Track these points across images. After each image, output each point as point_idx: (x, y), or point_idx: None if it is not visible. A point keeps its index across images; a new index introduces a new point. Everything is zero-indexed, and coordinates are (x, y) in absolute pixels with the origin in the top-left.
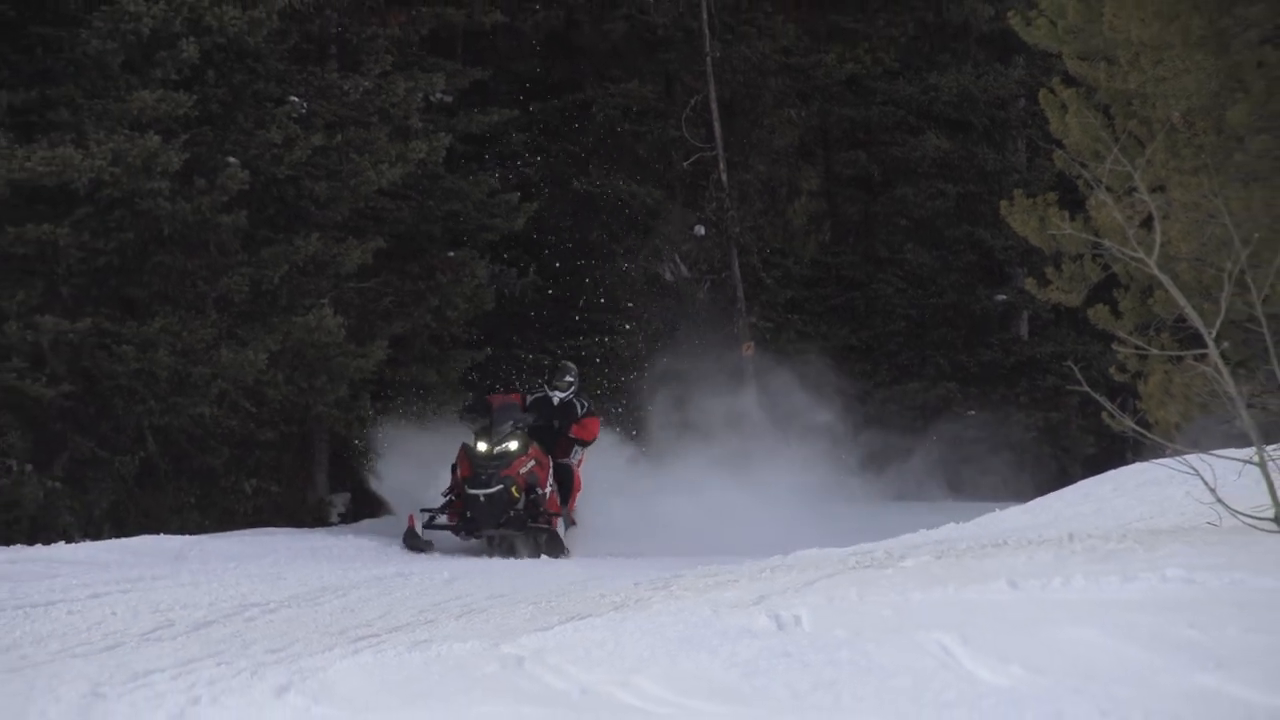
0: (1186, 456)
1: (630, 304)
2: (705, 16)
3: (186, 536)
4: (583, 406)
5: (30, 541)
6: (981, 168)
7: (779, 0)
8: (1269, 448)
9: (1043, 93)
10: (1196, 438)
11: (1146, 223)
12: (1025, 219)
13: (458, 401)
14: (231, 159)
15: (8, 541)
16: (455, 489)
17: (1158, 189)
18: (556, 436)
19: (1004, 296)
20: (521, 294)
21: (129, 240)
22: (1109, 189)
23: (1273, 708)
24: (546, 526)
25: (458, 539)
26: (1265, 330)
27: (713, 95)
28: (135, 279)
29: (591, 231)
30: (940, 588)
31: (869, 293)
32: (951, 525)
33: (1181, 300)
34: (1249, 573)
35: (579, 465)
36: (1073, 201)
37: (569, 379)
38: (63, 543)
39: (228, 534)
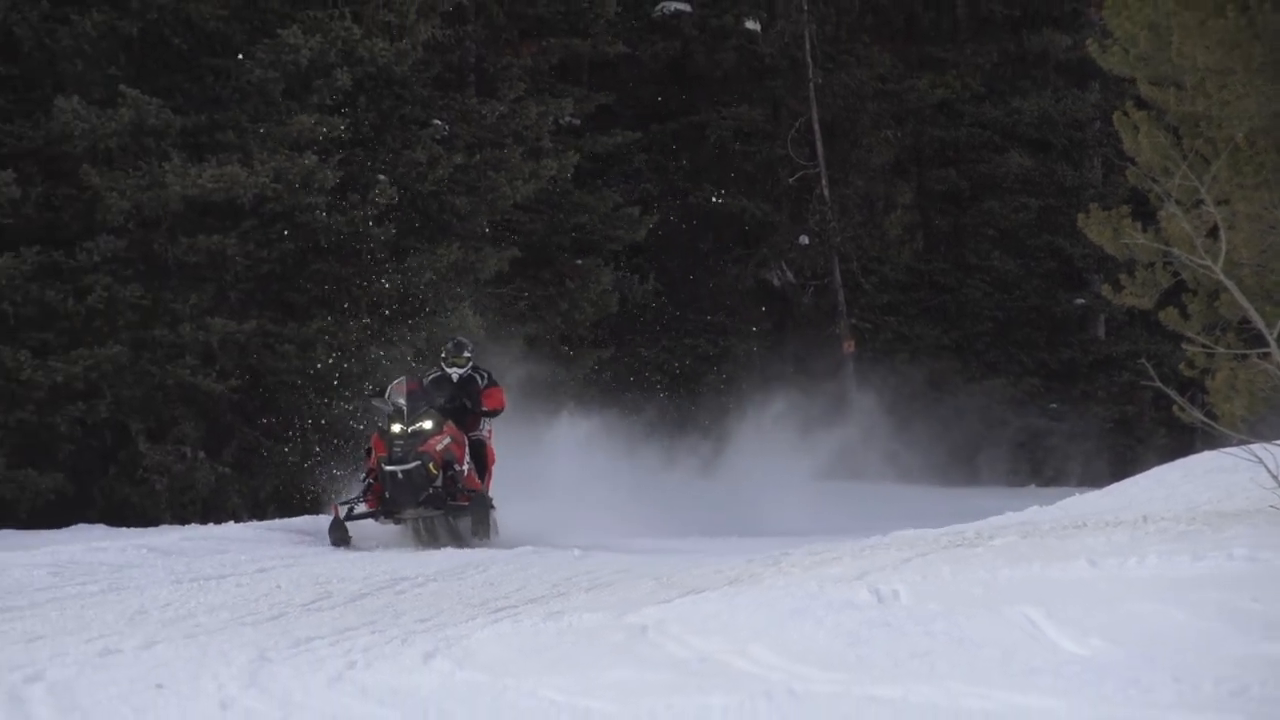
0: (1251, 446)
1: (741, 307)
2: (808, 47)
3: None
4: (484, 378)
5: (203, 521)
6: (1060, 183)
7: (876, 32)
8: None
9: (1117, 115)
10: (1260, 429)
11: (1213, 233)
12: (1101, 229)
13: (583, 395)
14: (381, 176)
15: (183, 521)
16: (372, 471)
17: (1223, 202)
18: (465, 414)
19: (1082, 300)
20: (642, 298)
21: (289, 250)
22: (1178, 202)
23: None
24: (468, 504)
25: (381, 529)
26: None
27: (815, 118)
28: (295, 285)
29: (705, 241)
30: (1026, 565)
31: (959, 296)
32: (1035, 508)
33: (1245, 303)
34: None
35: (489, 438)
36: (1145, 214)
37: (466, 354)
38: (232, 522)
39: None
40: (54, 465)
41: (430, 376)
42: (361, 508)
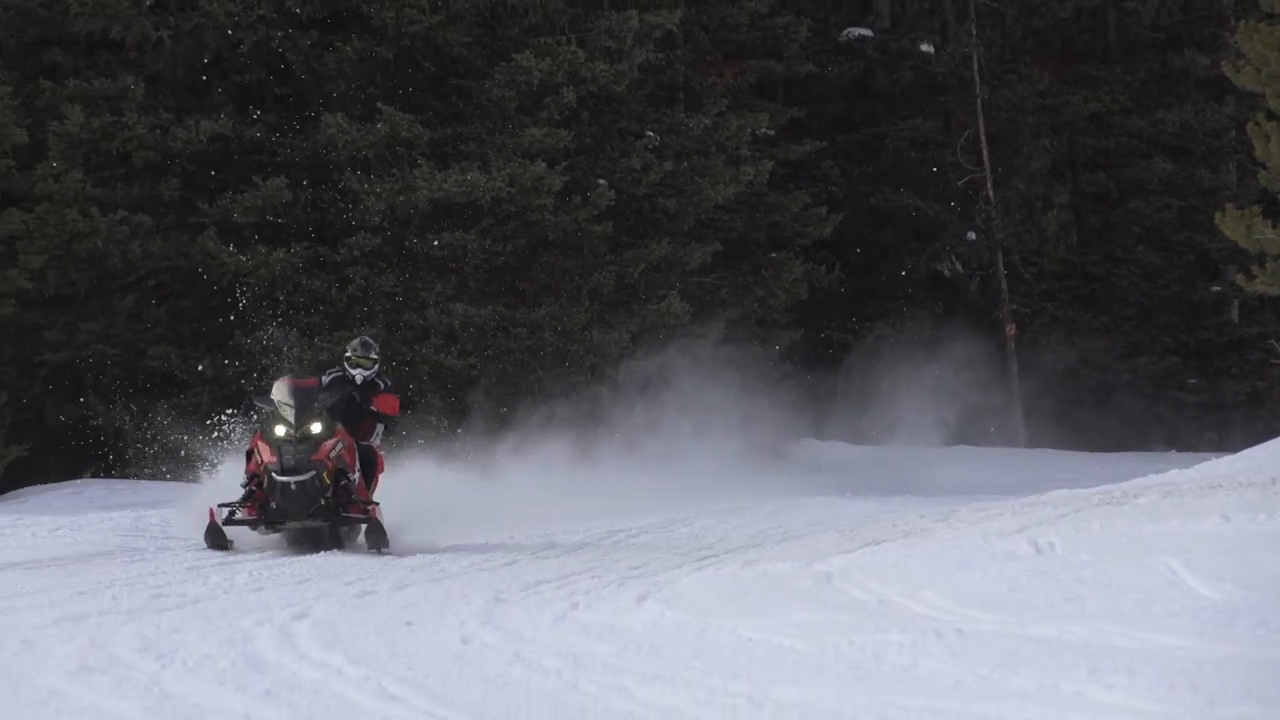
0: None
1: (915, 294)
2: (976, 67)
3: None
4: (384, 385)
5: None
6: (1199, 185)
7: (1036, 53)
8: None
9: (1250, 125)
10: None
11: None
12: (1235, 226)
13: (776, 371)
14: (601, 181)
15: None
16: (255, 477)
17: None
18: (359, 415)
19: (1217, 288)
20: (828, 286)
21: (520, 245)
22: None
23: None
24: (363, 516)
25: (256, 534)
26: None
27: (982, 129)
28: (525, 275)
29: (884, 237)
30: (1167, 521)
31: (1108, 285)
32: (1175, 471)
33: None
34: None
35: (380, 447)
36: (1274, 212)
37: (373, 355)
38: None
39: None
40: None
41: (331, 375)
42: (241, 514)
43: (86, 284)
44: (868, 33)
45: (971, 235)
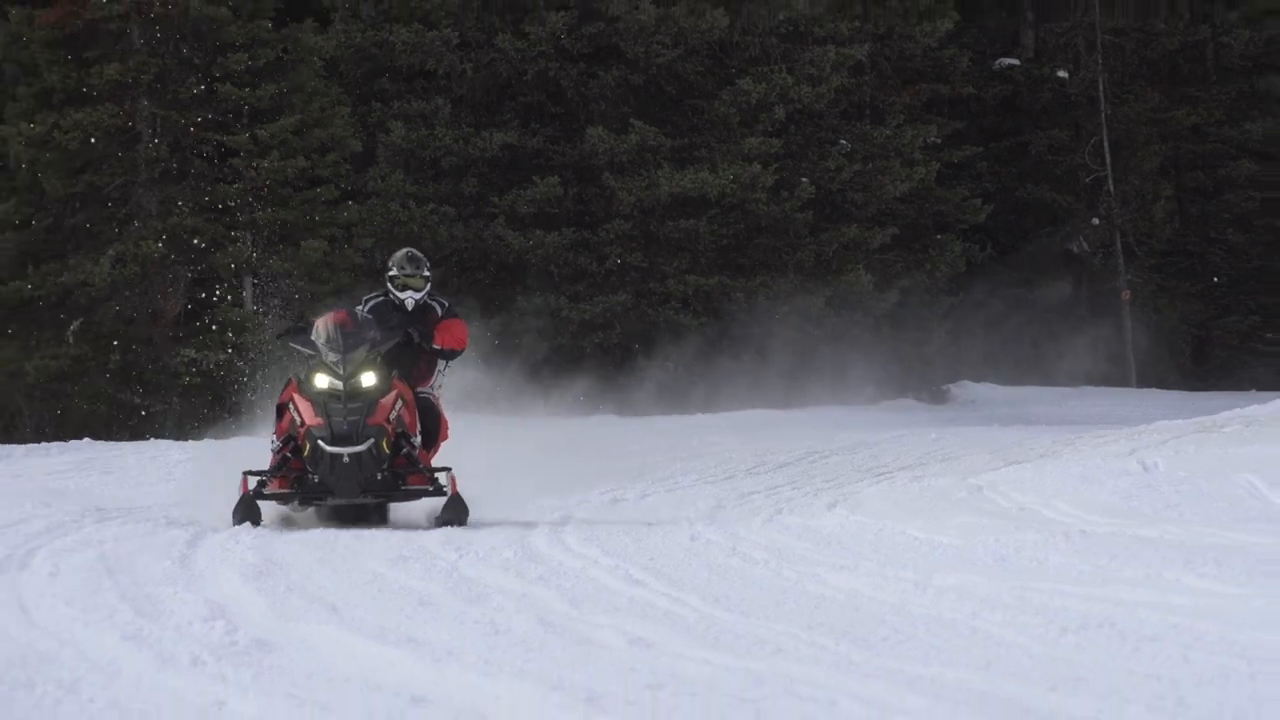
0: None
1: (1051, 267)
2: (1101, 89)
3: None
4: (443, 307)
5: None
6: (1277, 182)
7: (1149, 77)
8: None
9: None
10: None
11: None
12: None
13: (939, 327)
14: (804, 179)
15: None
16: (291, 442)
17: None
18: (414, 354)
19: None
20: (982, 262)
21: (740, 229)
22: None
23: None
24: (431, 488)
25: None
26: None
27: (1105, 137)
28: (744, 253)
29: (1026, 222)
30: (1248, 445)
31: (1204, 259)
32: (1255, 406)
33: None
34: None
35: (439, 400)
36: None
37: (425, 272)
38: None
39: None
40: (583, 372)
41: (371, 302)
42: (271, 487)
43: None
44: (1016, 62)
45: (1096, 221)
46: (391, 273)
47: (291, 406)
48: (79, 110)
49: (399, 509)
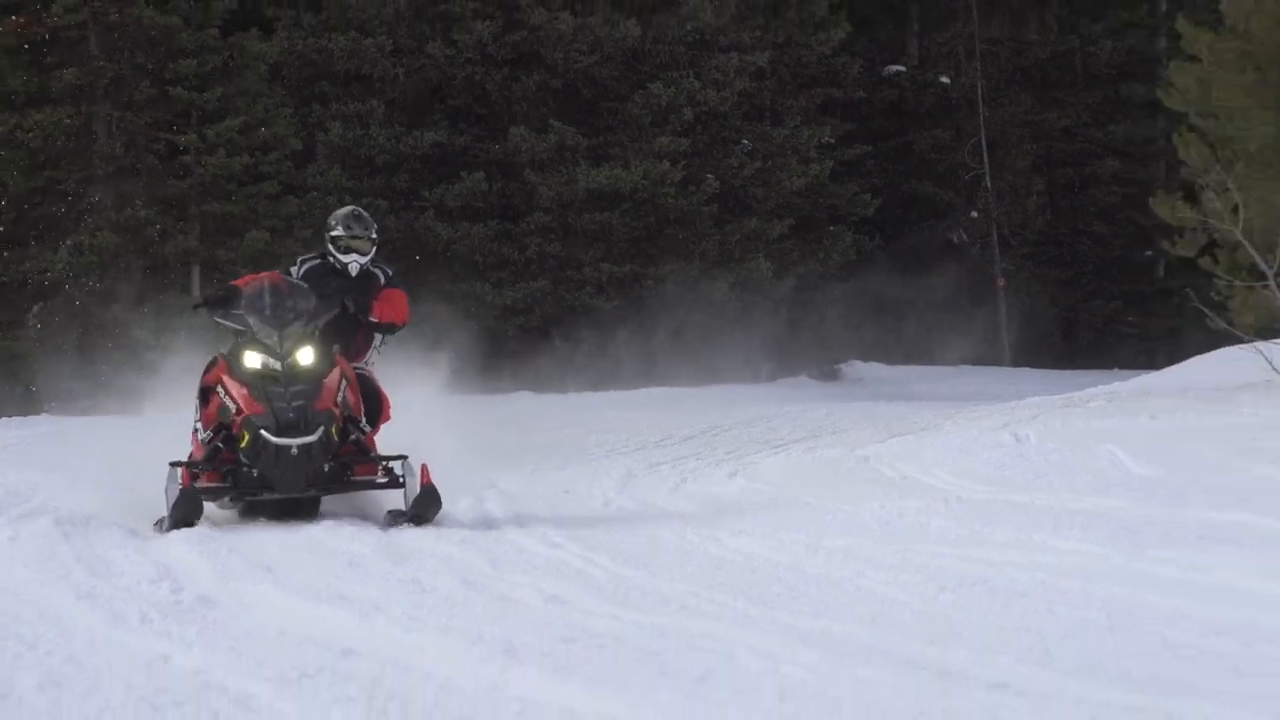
0: (1255, 344)
1: (933, 257)
2: (980, 93)
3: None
4: (386, 276)
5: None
6: (1138, 178)
7: (1022, 82)
8: None
9: (1176, 135)
10: (1263, 335)
11: (1235, 210)
12: (1164, 207)
13: (831, 311)
14: (709, 175)
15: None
16: (224, 431)
17: (1243, 189)
18: (352, 326)
19: (1149, 252)
20: (870, 252)
21: (651, 222)
22: (1213, 190)
23: None
24: (385, 480)
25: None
26: None
27: (983, 138)
28: (654, 244)
29: (911, 215)
30: (1111, 419)
31: (1072, 249)
32: (1117, 384)
33: (1255, 254)
34: None
35: (374, 375)
36: (1192, 198)
37: (373, 235)
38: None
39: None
40: (505, 354)
41: (307, 264)
42: (203, 480)
43: None
44: (902, 68)
45: (974, 214)
46: (335, 232)
47: (221, 391)
48: (40, 111)
49: (336, 502)
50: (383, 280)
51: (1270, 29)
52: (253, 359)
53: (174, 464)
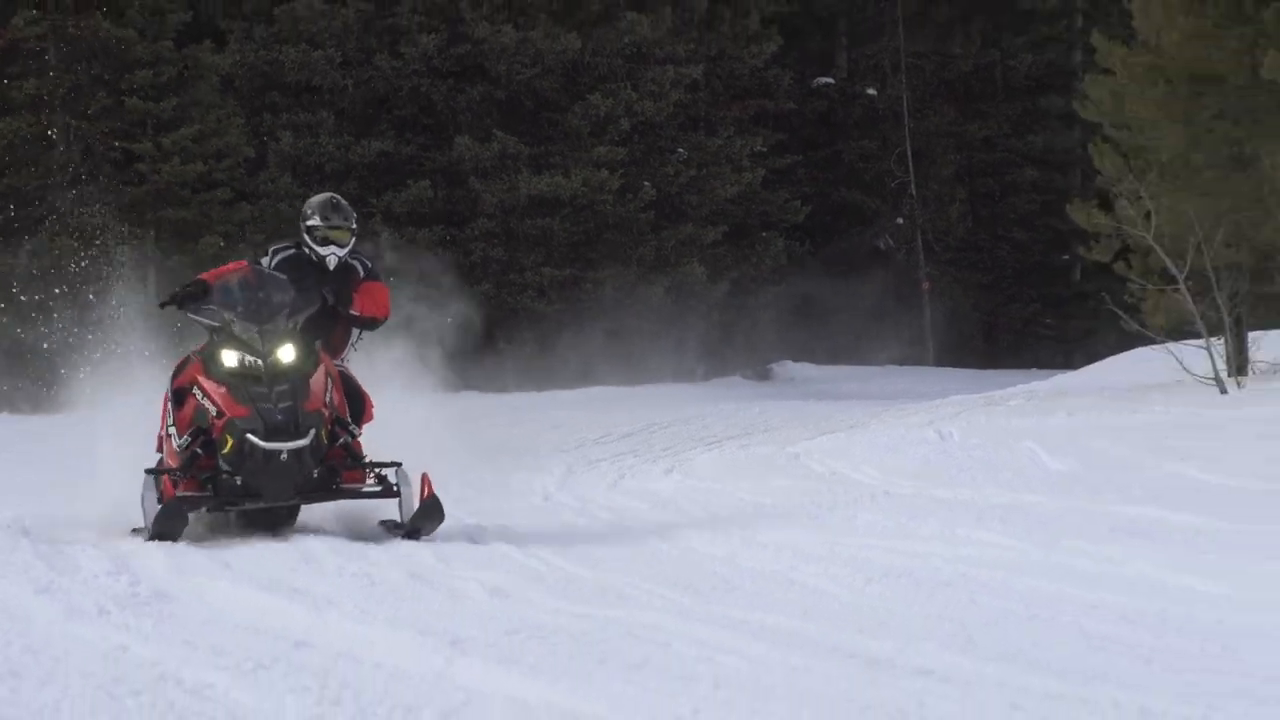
0: (1166, 345)
1: (861, 262)
2: (905, 104)
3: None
4: (366, 268)
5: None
6: (1056, 186)
7: (945, 95)
8: (1212, 339)
9: (1091, 145)
10: (1173, 336)
11: (1147, 216)
12: (1079, 214)
13: (764, 314)
14: (646, 183)
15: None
16: (202, 436)
17: (1155, 197)
18: (330, 323)
19: (1067, 257)
20: (801, 256)
21: (590, 227)
22: (1126, 198)
23: (1220, 484)
24: (379, 489)
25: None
26: (1212, 276)
27: (908, 147)
28: (593, 248)
29: (840, 222)
30: (1031, 417)
31: (993, 254)
32: (1036, 383)
33: (1165, 259)
34: (1201, 408)
35: (348, 367)
36: (1107, 205)
37: (353, 225)
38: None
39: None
40: (449, 355)
41: (280, 255)
42: (182, 488)
43: None
44: (831, 80)
45: (900, 220)
46: (311, 222)
47: (197, 392)
48: (0, 120)
49: (319, 512)
50: (362, 273)
51: (1180, 44)
52: (230, 357)
53: (150, 472)
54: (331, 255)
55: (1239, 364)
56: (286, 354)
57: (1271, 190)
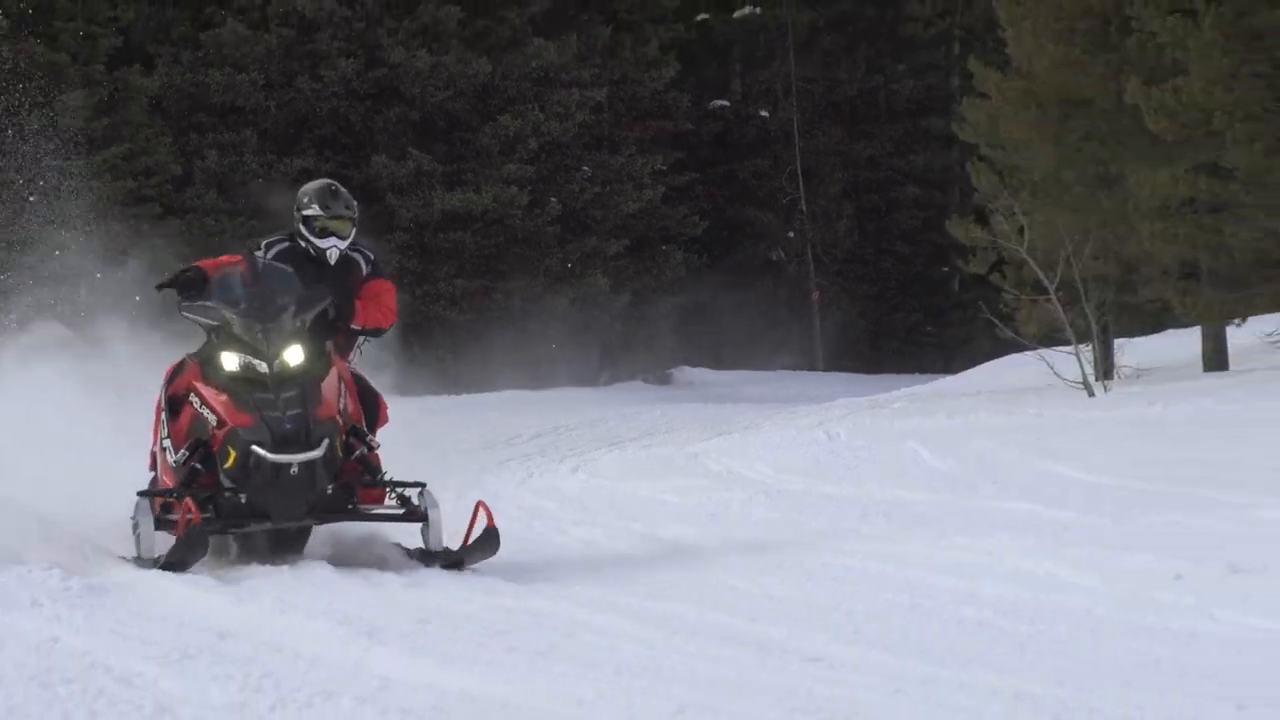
0: (1039, 351)
1: (755, 273)
2: (795, 124)
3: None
4: (369, 262)
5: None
6: (937, 202)
7: (833, 116)
8: (1080, 346)
9: (970, 163)
10: (1045, 342)
11: (1020, 231)
12: (958, 229)
13: (664, 322)
14: (553, 199)
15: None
16: (200, 449)
17: (1028, 214)
18: (334, 324)
19: (946, 268)
20: (699, 268)
21: (500, 240)
22: (1001, 214)
23: (1089, 481)
24: (403, 511)
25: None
26: (1080, 287)
27: (799, 166)
28: (503, 261)
29: (736, 236)
30: (913, 418)
31: (878, 267)
32: (918, 386)
33: (1038, 270)
34: (1070, 410)
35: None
36: (983, 220)
37: (354, 214)
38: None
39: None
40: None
41: (275, 248)
42: (180, 509)
43: None
44: (726, 103)
45: (791, 234)
46: (309, 211)
47: (195, 400)
48: None
49: (328, 536)
50: (365, 269)
51: (1050, 70)
52: (231, 360)
53: (144, 494)
54: (332, 248)
55: (1105, 369)
56: (294, 356)
57: (1135, 206)
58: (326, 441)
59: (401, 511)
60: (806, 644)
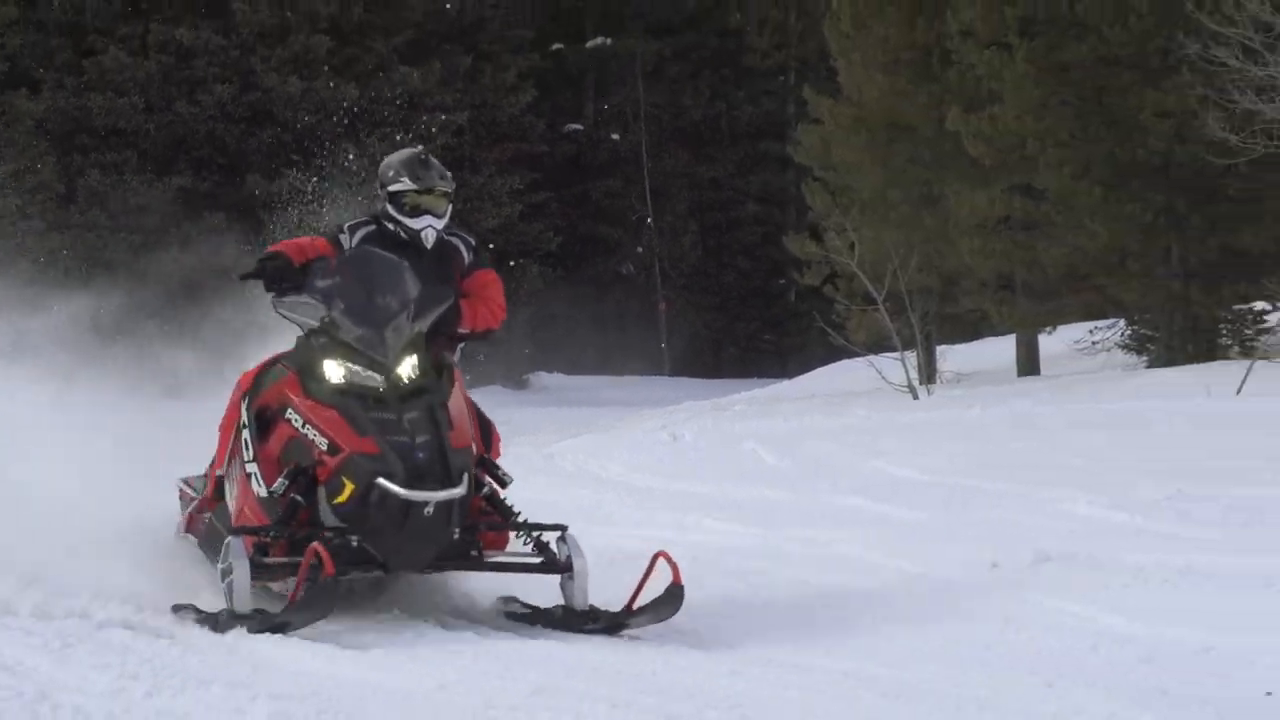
0: (868, 357)
1: (607, 286)
2: (644, 148)
3: None
4: (468, 246)
5: None
6: (775, 220)
7: (679, 140)
8: (906, 352)
9: (804, 184)
10: (874, 349)
11: (851, 246)
12: (794, 245)
13: (520, 331)
14: None
15: None
16: (301, 479)
17: (857, 230)
18: (435, 324)
19: (784, 280)
20: (555, 282)
21: None
22: (834, 230)
23: (911, 478)
24: (541, 560)
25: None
26: (906, 298)
27: (647, 185)
28: None
29: (589, 249)
30: (752, 420)
31: (720, 280)
32: (757, 390)
33: (867, 283)
34: (897, 412)
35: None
36: (818, 236)
37: (451, 189)
38: None
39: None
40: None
41: (360, 233)
42: (276, 553)
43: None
44: (580, 127)
45: (640, 250)
46: (396, 185)
47: (294, 418)
48: None
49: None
50: (467, 255)
51: (879, 99)
52: (335, 370)
53: (237, 532)
54: (428, 228)
55: (929, 374)
56: (413, 368)
57: (955, 224)
58: (465, 477)
59: (539, 560)
60: (653, 631)
